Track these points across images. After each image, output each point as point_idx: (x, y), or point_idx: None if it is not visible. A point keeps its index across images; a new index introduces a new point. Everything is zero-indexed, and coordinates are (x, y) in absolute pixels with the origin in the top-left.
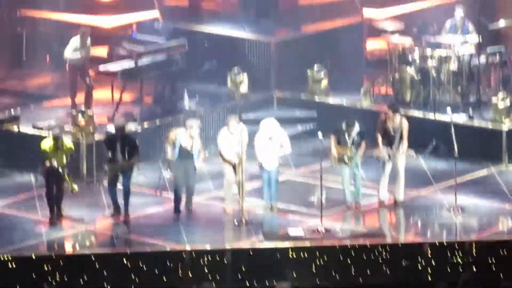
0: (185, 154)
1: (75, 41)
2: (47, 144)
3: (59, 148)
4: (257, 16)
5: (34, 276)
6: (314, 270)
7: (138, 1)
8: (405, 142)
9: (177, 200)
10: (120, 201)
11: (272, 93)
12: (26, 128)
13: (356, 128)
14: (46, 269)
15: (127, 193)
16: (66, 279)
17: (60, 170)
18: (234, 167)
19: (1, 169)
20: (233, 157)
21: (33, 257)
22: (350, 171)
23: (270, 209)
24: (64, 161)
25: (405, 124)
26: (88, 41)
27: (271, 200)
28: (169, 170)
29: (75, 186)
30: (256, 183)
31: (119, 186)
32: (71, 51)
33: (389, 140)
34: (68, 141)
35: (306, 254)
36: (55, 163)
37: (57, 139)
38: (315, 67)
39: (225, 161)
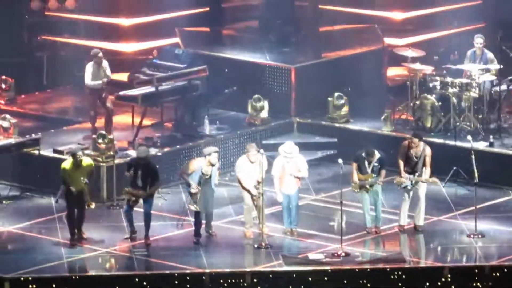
0: (204, 180)
1: (89, 67)
2: (67, 164)
3: (79, 167)
4: (277, 42)
5: None
6: None
7: (159, 27)
8: (428, 170)
9: (197, 224)
10: (139, 224)
11: (292, 119)
12: (46, 152)
13: (376, 155)
14: None
15: (148, 218)
16: None
17: (82, 190)
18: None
19: (22, 192)
20: (251, 186)
21: (54, 278)
22: (370, 196)
23: (290, 233)
24: (85, 180)
25: (428, 151)
26: (104, 63)
27: (291, 224)
28: (195, 205)
29: (93, 203)
30: (276, 208)
31: (137, 209)
32: (90, 78)
33: (412, 167)
34: (87, 159)
35: (325, 278)
36: (75, 185)
37: (76, 158)
38: (336, 93)
39: (243, 189)
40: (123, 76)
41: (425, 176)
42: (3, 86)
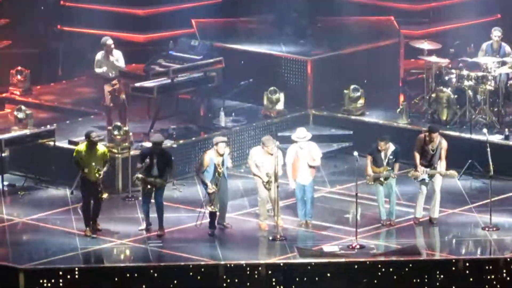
0: (218, 173)
1: (98, 55)
2: (81, 147)
3: (92, 150)
4: (294, 35)
5: None
6: (348, 287)
7: (175, 18)
8: (443, 163)
9: (212, 216)
10: (153, 215)
11: (308, 111)
12: (61, 143)
13: (391, 147)
14: (81, 281)
15: (160, 209)
16: None
17: (97, 180)
18: (267, 183)
19: (37, 183)
20: (262, 173)
21: (68, 269)
22: (385, 189)
23: (305, 225)
24: (99, 172)
25: (444, 145)
26: (116, 54)
27: (306, 216)
28: (212, 206)
29: (106, 193)
30: (290, 200)
31: (152, 200)
32: (97, 65)
33: (428, 160)
34: (102, 147)
35: (340, 271)
36: (89, 172)
37: (91, 143)
38: (352, 86)
39: (255, 176)
40: (138, 68)
41: (441, 168)
42: (19, 77)
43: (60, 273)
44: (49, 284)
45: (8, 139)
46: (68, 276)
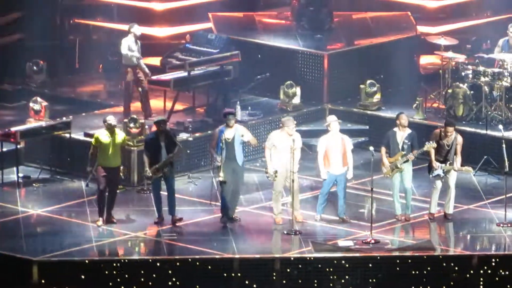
0: (229, 149)
1: (129, 40)
2: (101, 134)
3: (112, 138)
4: (310, 29)
5: (83, 281)
6: (362, 281)
7: (192, 11)
8: (458, 159)
9: (224, 206)
10: (165, 204)
11: (324, 105)
12: (77, 135)
13: (407, 130)
14: (95, 274)
15: (172, 196)
16: (115, 284)
17: (114, 169)
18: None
19: (52, 175)
20: (271, 167)
21: (83, 262)
22: (400, 184)
23: (343, 221)
24: (119, 158)
25: (460, 140)
26: (139, 43)
27: (339, 213)
28: (221, 174)
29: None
30: (306, 194)
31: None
32: (127, 48)
33: (443, 156)
34: (121, 133)
35: (355, 265)
36: (107, 158)
37: (111, 129)
38: (368, 80)
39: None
40: (155, 61)
41: (456, 164)
42: (35, 69)
43: (74, 265)
44: (63, 276)
45: (24, 131)
46: (82, 268)
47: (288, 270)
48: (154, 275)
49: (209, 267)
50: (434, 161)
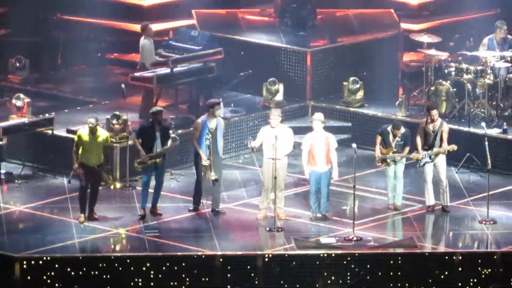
0: (212, 139)
1: (147, 43)
2: (83, 132)
3: (94, 137)
4: (293, 26)
5: (65, 277)
6: (344, 278)
7: (175, 8)
8: (445, 144)
9: (198, 193)
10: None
11: (307, 102)
12: (60, 132)
13: (402, 130)
14: (78, 270)
15: (159, 187)
16: (97, 280)
17: (97, 168)
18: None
19: (34, 172)
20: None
21: (65, 258)
22: (394, 174)
23: (324, 219)
24: (101, 156)
25: (446, 127)
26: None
27: (321, 209)
28: (212, 173)
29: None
30: (290, 191)
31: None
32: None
33: (429, 144)
34: (104, 132)
35: (337, 262)
36: (89, 156)
37: (93, 127)
38: (351, 78)
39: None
40: (138, 57)
41: (442, 149)
42: (18, 65)
43: (56, 261)
44: (45, 273)
45: (6, 127)
46: (65, 265)
47: (271, 266)
48: (136, 272)
49: (192, 264)
50: (420, 150)
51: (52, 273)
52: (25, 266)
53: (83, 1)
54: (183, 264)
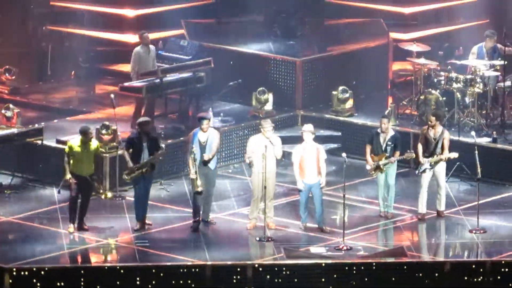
0: (202, 152)
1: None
2: (74, 142)
3: (85, 147)
4: (283, 35)
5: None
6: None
7: (165, 18)
8: (446, 151)
9: (196, 210)
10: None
11: (296, 112)
12: (49, 142)
13: (391, 132)
14: (67, 281)
15: (147, 196)
16: None
17: (89, 178)
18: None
19: (24, 182)
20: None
21: (55, 269)
22: (385, 181)
23: (322, 231)
24: (92, 166)
25: (447, 135)
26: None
27: (318, 222)
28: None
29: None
30: (279, 201)
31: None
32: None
33: (430, 151)
34: (93, 141)
35: (327, 272)
36: (80, 167)
37: (85, 136)
38: (340, 87)
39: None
40: (127, 67)
41: (443, 156)
42: (7, 75)
43: (46, 272)
44: (35, 283)
45: None
46: (54, 276)
47: (260, 276)
48: (126, 282)
49: (182, 274)
50: (421, 157)
51: (42, 284)
52: (15, 277)
53: (70, 12)
54: (173, 274)
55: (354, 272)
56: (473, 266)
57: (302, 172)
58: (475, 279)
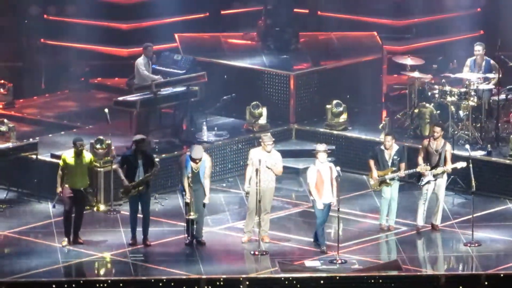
0: (195, 176)
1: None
2: (67, 155)
3: (79, 159)
4: (276, 49)
5: None
6: None
7: (158, 32)
8: (449, 163)
9: (188, 224)
10: (139, 228)
11: (290, 125)
12: (44, 156)
13: (395, 147)
14: None
15: (147, 219)
16: None
17: (83, 191)
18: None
19: (19, 196)
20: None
21: (50, 283)
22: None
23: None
24: (86, 179)
25: (449, 147)
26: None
27: (321, 243)
28: (192, 213)
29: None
30: (274, 215)
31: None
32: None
33: (433, 164)
34: (88, 154)
35: (321, 285)
36: (75, 179)
37: (78, 150)
38: (334, 100)
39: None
40: (121, 81)
41: (446, 168)
42: (1, 90)
43: (42, 286)
44: None
45: None
46: None
47: None
48: None
49: (177, 287)
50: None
51: None
52: None
53: (65, 26)
54: (168, 287)
55: (349, 285)
56: (468, 280)
57: (319, 193)
58: None
